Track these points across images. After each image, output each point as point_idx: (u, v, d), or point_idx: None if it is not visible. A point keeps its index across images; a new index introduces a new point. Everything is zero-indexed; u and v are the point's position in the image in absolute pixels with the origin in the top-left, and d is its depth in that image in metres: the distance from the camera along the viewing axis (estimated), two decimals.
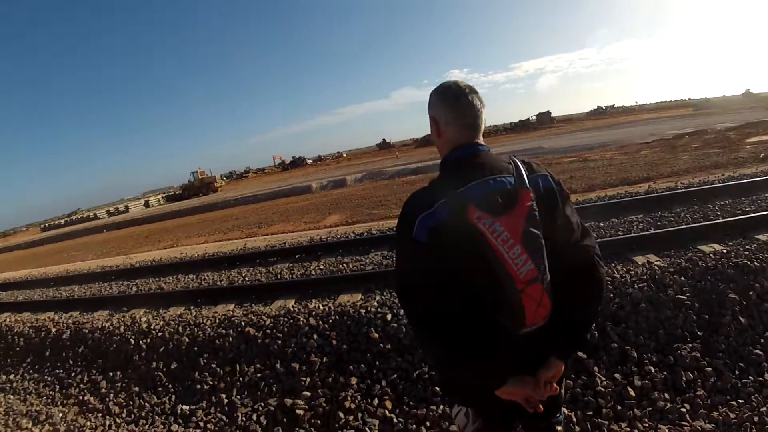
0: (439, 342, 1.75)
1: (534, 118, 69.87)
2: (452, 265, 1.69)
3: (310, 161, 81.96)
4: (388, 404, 4.24)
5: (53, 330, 7.88)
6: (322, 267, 7.97)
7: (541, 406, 1.80)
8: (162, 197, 67.83)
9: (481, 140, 1.88)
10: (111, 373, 6.29)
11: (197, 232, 20.84)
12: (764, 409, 3.41)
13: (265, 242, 11.73)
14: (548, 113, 69.91)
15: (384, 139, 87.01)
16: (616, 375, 3.99)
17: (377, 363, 4.68)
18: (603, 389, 3.87)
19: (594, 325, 4.28)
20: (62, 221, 68.90)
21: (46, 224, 76.01)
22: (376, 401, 4.30)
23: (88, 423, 5.54)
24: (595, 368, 4.06)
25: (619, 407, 3.71)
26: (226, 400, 5.01)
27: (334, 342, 5.05)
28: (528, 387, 1.78)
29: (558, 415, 2.11)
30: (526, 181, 1.72)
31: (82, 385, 6.38)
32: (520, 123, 71.56)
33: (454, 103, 1.86)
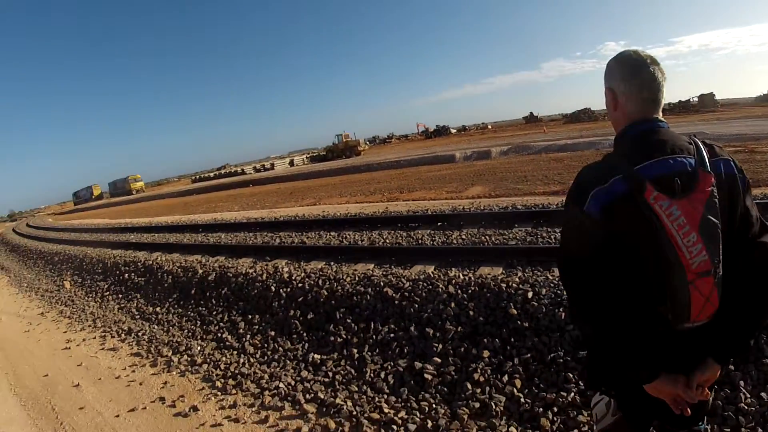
0: (596, 323, 1.67)
1: (695, 99, 64.91)
2: (622, 245, 1.60)
3: (453, 130, 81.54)
4: (518, 383, 4.13)
5: (200, 271, 8.44)
6: (463, 237, 7.89)
7: (688, 410, 1.68)
8: (306, 157, 70.37)
9: (660, 115, 1.73)
10: (250, 316, 6.66)
11: (339, 192, 21.37)
12: None
13: (406, 207, 11.83)
14: (711, 95, 64.44)
15: (531, 113, 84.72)
16: (763, 394, 3.60)
17: (512, 340, 4.57)
18: (746, 407, 3.46)
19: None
20: (211, 174, 73.57)
21: (197, 176, 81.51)
22: (505, 378, 4.21)
23: (224, 358, 5.90)
24: (741, 382, 3.64)
25: (760, 430, 3.34)
26: (357, 355, 5.13)
27: (471, 313, 4.99)
28: (679, 387, 1.67)
29: (701, 423, 1.93)
30: (707, 163, 1.57)
31: (221, 324, 6.81)
32: (680, 104, 66.65)
33: (634, 74, 1.70)
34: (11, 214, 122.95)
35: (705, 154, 1.60)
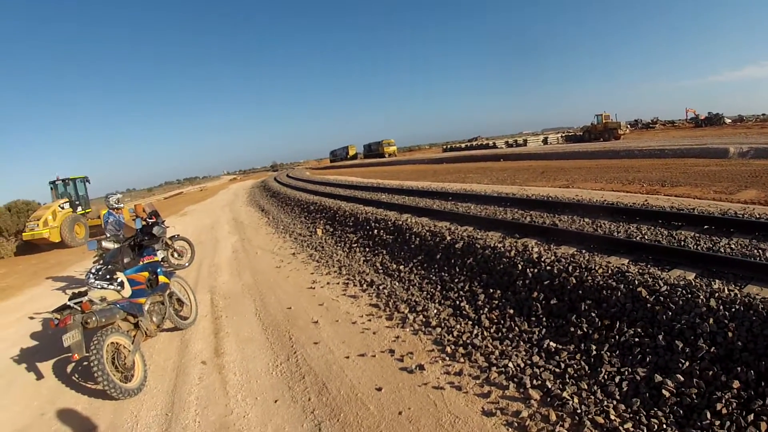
0: None
1: None
2: None
3: (728, 120, 73.99)
4: (764, 426, 3.69)
5: (448, 238, 8.73)
6: (732, 246, 7.11)
7: None
8: (561, 136, 68.73)
9: None
10: (491, 290, 6.78)
11: (594, 177, 20.57)
12: None
13: (669, 203, 11.02)
14: None
15: None
16: None
17: None
18: None
19: None
20: (462, 145, 75.05)
21: (448, 146, 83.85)
22: (751, 417, 3.79)
23: (458, 326, 6.11)
24: None
25: None
26: (594, 352, 5.01)
27: (730, 334, 4.55)
28: None
29: None
30: None
31: (461, 292, 7.03)
32: None
33: None
34: (273, 165, 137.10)
35: None
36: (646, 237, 7.93)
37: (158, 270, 7.02)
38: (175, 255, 11.97)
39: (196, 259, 12.49)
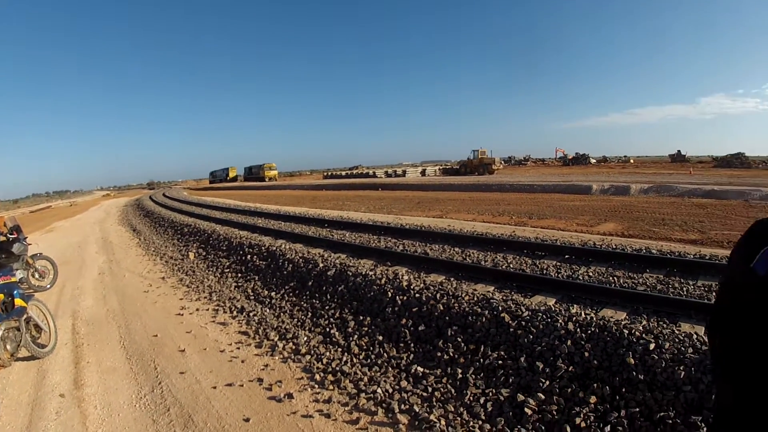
0: (735, 397, 1.53)
1: None
2: None
3: (593, 160, 79.17)
4: None
5: (321, 265, 8.76)
6: (590, 274, 7.68)
7: None
8: (439, 169, 70.90)
9: None
10: (361, 317, 6.84)
11: (467, 208, 21.30)
12: None
13: (534, 234, 11.62)
14: None
15: (679, 151, 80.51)
16: None
17: (623, 390, 4.40)
18: None
19: None
20: (343, 173, 75.69)
21: (329, 173, 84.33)
22: (608, 428, 4.06)
23: (327, 353, 6.10)
24: None
25: None
26: (460, 375, 5.14)
27: (586, 354, 4.86)
28: None
29: None
30: None
31: (332, 319, 7.05)
32: None
33: None
34: (150, 183, 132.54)
35: None
36: (511, 266, 8.33)
37: (15, 292, 6.46)
38: (36, 276, 11.07)
39: (59, 281, 11.62)
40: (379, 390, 5.05)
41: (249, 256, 11.20)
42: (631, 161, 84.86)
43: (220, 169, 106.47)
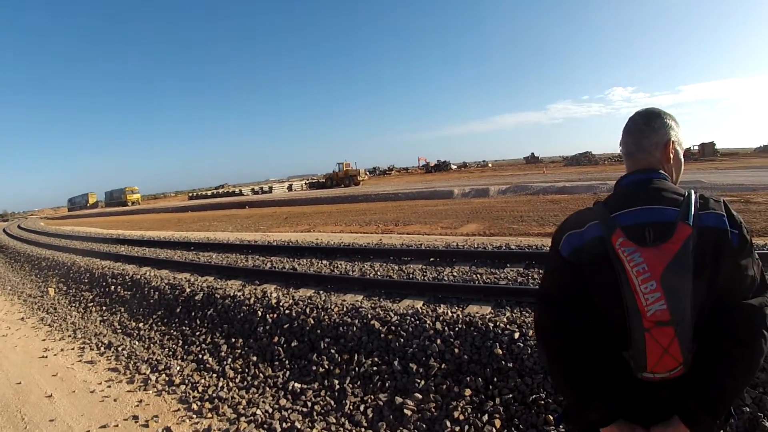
0: (557, 360, 1.72)
1: (696, 148, 65.69)
2: (588, 286, 1.66)
3: (454, 166, 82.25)
4: (498, 423, 4.11)
5: (187, 290, 8.43)
6: (455, 274, 7.92)
7: None
8: (305, 183, 70.91)
9: (655, 166, 1.78)
10: (233, 339, 6.62)
11: (335, 220, 21.44)
12: None
13: (400, 240, 11.87)
14: (712, 144, 65.18)
15: (532, 153, 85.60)
16: None
17: (495, 380, 4.55)
18: None
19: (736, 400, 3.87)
20: (209, 192, 73.82)
21: (194, 193, 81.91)
22: (486, 417, 4.18)
23: (202, 381, 5.85)
24: None
25: None
26: (338, 386, 5.09)
27: (456, 350, 4.98)
28: None
29: None
30: (691, 216, 1.56)
31: (203, 345, 6.76)
32: None
33: (629, 128, 1.85)
34: (3, 215, 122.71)
35: (693, 206, 1.59)
36: (379, 273, 8.42)
37: None
38: None
39: None
40: (258, 412, 4.91)
41: (113, 287, 10.55)
42: (490, 165, 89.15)
43: (78, 195, 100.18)
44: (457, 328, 5.29)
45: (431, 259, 9.04)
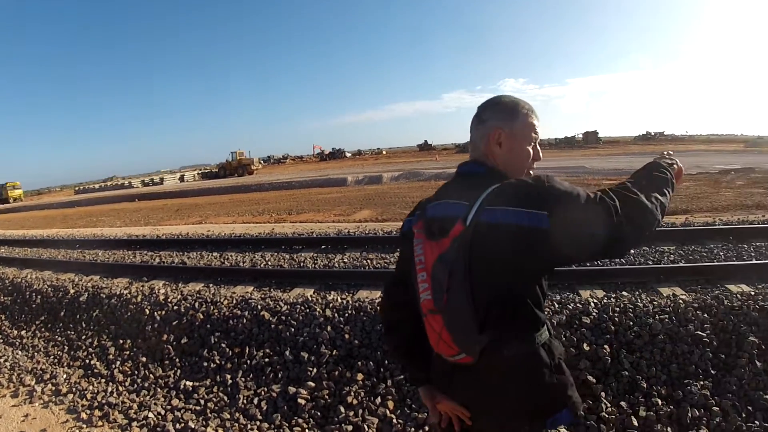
0: (384, 330, 2.06)
1: (580, 136, 69.30)
2: (408, 267, 1.75)
3: (349, 154, 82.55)
4: (391, 404, 4.21)
5: (71, 291, 8.01)
6: (346, 260, 7.99)
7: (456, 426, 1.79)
8: (198, 173, 68.95)
9: (479, 159, 1.74)
10: (121, 341, 6.34)
11: (227, 211, 21.06)
12: None
13: (293, 229, 11.80)
14: (595, 132, 69.25)
15: (426, 141, 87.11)
16: (622, 403, 3.91)
17: (386, 362, 4.64)
18: (606, 415, 3.81)
19: None
20: (97, 186, 70.35)
21: (81, 187, 77.73)
22: (378, 400, 4.27)
23: (91, 387, 5.58)
24: (602, 393, 4.01)
25: None
26: (230, 381, 5.02)
27: (347, 336, 5.04)
28: (428, 402, 1.87)
29: None
30: (473, 212, 1.51)
31: (90, 349, 6.44)
32: (565, 140, 71.10)
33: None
34: None
35: (479, 202, 1.52)
36: (270, 263, 8.34)
37: None
38: None
39: None
40: (150, 415, 4.75)
41: None
42: (384, 153, 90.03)
43: None
44: (347, 314, 5.34)
45: (323, 247, 9.05)
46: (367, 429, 4.01)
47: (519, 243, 1.46)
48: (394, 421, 4.05)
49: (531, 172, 1.77)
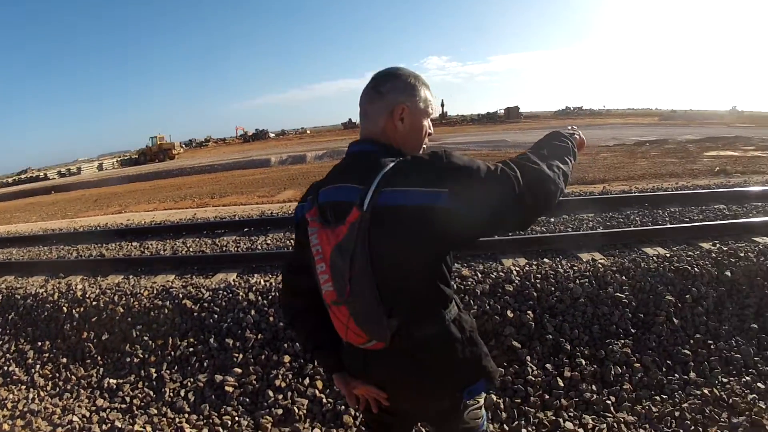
0: (285, 316, 1.94)
1: (502, 111, 70.75)
2: (305, 255, 1.67)
3: (272, 135, 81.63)
4: (319, 384, 4.23)
5: None
6: (269, 242, 7.88)
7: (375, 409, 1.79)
8: (117, 161, 66.47)
9: (374, 137, 1.67)
10: (39, 343, 6.05)
11: (148, 198, 20.53)
12: (686, 405, 3.53)
13: (215, 213, 11.58)
14: (517, 108, 70.96)
15: (350, 119, 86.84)
16: (548, 366, 4.06)
17: None
18: (533, 378, 3.95)
19: None
20: (10, 180, 66.82)
21: None
22: (307, 381, 4.28)
23: (11, 396, 5.31)
24: (528, 358, 4.14)
25: (547, 396, 3.81)
26: (155, 375, 4.90)
27: (271, 319, 4.99)
28: (342, 389, 1.86)
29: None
30: (369, 196, 1.44)
31: (8, 355, 6.11)
32: (487, 115, 72.58)
33: (362, 92, 1.72)
34: None
35: (375, 183, 1.46)
36: (191, 249, 8.16)
37: None
38: None
39: None
40: (75, 418, 4.58)
41: None
42: (308, 132, 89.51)
43: None
44: (270, 296, 5.29)
45: (245, 230, 8.91)
46: (297, 411, 4.00)
47: (420, 224, 1.41)
48: (324, 400, 4.07)
49: (425, 147, 1.74)
